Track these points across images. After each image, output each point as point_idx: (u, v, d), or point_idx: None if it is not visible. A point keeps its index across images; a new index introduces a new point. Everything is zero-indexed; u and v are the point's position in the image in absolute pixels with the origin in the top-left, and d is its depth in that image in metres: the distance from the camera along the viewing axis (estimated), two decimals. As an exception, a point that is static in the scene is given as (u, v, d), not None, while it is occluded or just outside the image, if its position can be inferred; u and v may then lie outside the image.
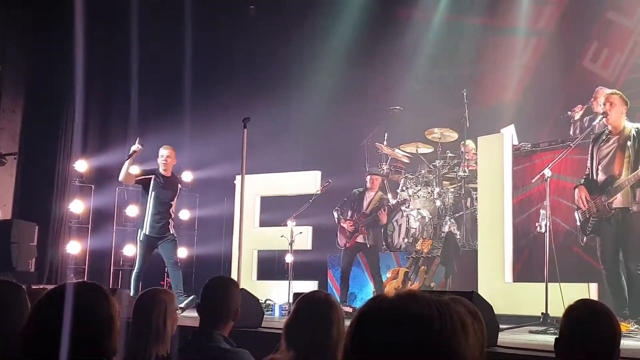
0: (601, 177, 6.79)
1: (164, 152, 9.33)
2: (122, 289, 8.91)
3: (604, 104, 6.85)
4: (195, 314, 3.76)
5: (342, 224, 9.70)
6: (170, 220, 9.29)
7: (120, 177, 9.21)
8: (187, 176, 12.71)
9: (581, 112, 9.18)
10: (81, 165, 11.81)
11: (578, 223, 7.02)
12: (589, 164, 6.98)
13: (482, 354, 1.35)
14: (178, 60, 11.33)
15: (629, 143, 6.60)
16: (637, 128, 6.68)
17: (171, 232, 9.28)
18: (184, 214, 12.72)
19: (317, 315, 2.85)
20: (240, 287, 6.77)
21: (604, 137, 6.87)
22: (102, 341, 2.20)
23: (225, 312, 3.60)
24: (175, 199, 9.44)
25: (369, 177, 9.87)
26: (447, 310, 1.33)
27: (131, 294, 8.57)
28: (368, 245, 9.62)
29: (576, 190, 6.94)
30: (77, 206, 11.73)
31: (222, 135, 11.07)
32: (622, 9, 10.84)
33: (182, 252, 12.40)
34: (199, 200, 13.13)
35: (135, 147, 9.07)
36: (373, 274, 9.59)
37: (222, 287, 3.71)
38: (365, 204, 9.75)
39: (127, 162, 9.09)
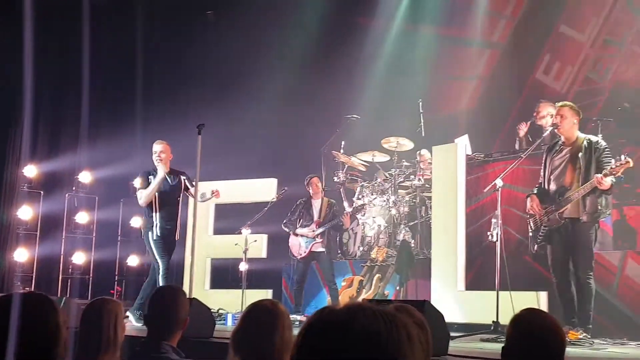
0: (553, 187, 6.88)
1: (156, 147, 8.58)
2: (70, 298, 8.69)
3: (555, 116, 6.94)
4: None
5: (296, 234, 9.67)
6: (176, 223, 8.60)
7: (144, 203, 8.54)
8: (138, 183, 12.55)
9: (526, 129, 9.34)
10: (30, 171, 11.57)
11: (530, 232, 7.11)
12: (542, 174, 7.06)
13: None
14: (132, 66, 11.22)
15: (580, 154, 6.68)
16: (589, 140, 6.75)
17: (176, 238, 8.65)
18: (136, 221, 12.57)
19: (262, 323, 2.86)
20: (193, 296, 6.76)
21: (557, 148, 6.95)
22: (49, 351, 2.17)
23: (173, 322, 3.58)
24: (181, 195, 8.70)
25: (308, 183, 9.85)
26: (394, 322, 1.34)
27: None
28: (325, 253, 9.63)
29: (528, 199, 7.03)
30: (25, 212, 11.47)
31: (176, 141, 10.96)
32: (575, 23, 11.05)
33: (133, 260, 12.25)
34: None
35: (162, 170, 8.47)
36: (327, 282, 9.60)
37: (170, 296, 3.68)
38: (315, 212, 9.75)
39: (153, 189, 8.48)
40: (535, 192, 7.02)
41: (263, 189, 10.44)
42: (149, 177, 8.49)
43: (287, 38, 12.59)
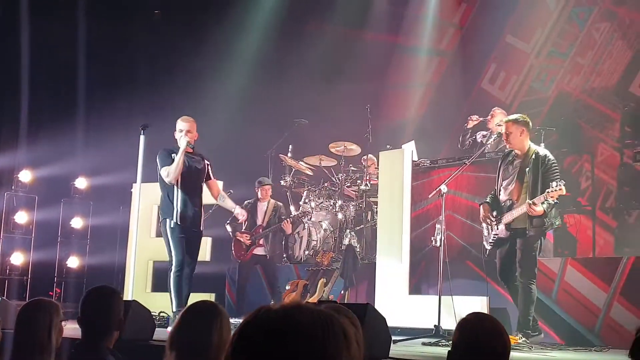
0: (503, 197, 6.94)
1: (181, 125, 7.50)
2: (6, 299, 8.48)
3: (504, 134, 6.99)
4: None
5: (238, 237, 9.67)
6: (201, 211, 7.70)
7: (172, 179, 7.43)
8: (81, 183, 12.37)
9: (476, 123, 9.47)
10: (-33, 170, 11.33)
11: (484, 238, 7.18)
12: (496, 181, 7.14)
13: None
14: (74, 63, 11.05)
15: (527, 169, 6.72)
16: (537, 153, 6.77)
17: (202, 228, 7.74)
18: (77, 222, 12.35)
19: (200, 322, 2.85)
20: (134, 299, 6.68)
21: (510, 158, 6.99)
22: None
23: (107, 323, 3.54)
24: (203, 182, 7.79)
25: (259, 187, 9.91)
26: (330, 321, 1.35)
27: (174, 306, 7.36)
28: (268, 257, 9.62)
29: (481, 207, 7.10)
30: (-39, 212, 11.23)
31: (121, 142, 10.83)
32: (521, 34, 11.26)
33: (74, 262, 12.05)
34: (93, 208, 12.75)
35: (185, 140, 7.39)
36: (271, 285, 9.58)
37: (103, 297, 3.64)
38: (259, 215, 9.77)
39: (180, 161, 7.38)
40: (487, 200, 7.06)
41: (207, 192, 10.33)
42: (172, 154, 7.43)
43: (236, 41, 12.55)
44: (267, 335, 1.31)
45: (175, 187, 7.44)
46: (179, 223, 7.39)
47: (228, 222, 9.82)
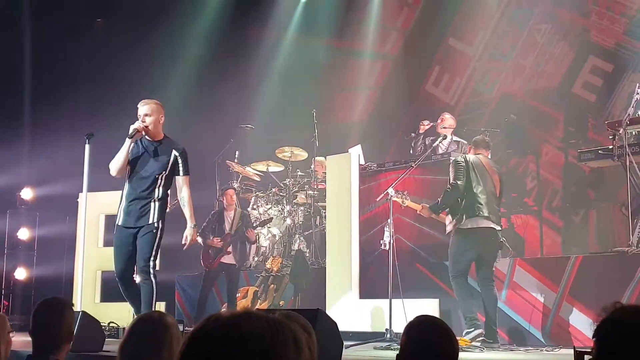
0: None
1: (139, 110, 6.68)
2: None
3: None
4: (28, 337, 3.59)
5: (209, 243, 9.56)
6: (152, 203, 6.53)
7: (115, 172, 6.63)
8: (27, 193, 12.14)
9: (427, 127, 9.56)
10: None
11: None
12: None
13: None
14: (19, 72, 10.86)
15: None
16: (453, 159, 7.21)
17: (154, 220, 6.51)
18: (23, 233, 12.11)
19: (150, 335, 2.78)
20: (82, 309, 6.54)
21: None
22: None
23: (58, 335, 3.50)
24: (165, 171, 6.63)
25: (222, 194, 9.84)
26: (280, 327, 1.34)
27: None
28: (237, 266, 9.57)
29: None
30: None
31: (66, 151, 10.64)
32: (463, 36, 11.38)
33: (21, 273, 11.81)
34: (40, 218, 12.53)
35: (137, 124, 6.56)
36: (231, 293, 9.45)
37: (54, 309, 3.58)
38: (227, 223, 9.69)
39: (124, 150, 6.58)
40: None
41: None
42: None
43: (180, 47, 12.45)
44: (215, 343, 1.30)
45: (125, 182, 6.67)
46: (119, 224, 6.63)
47: (199, 232, 9.72)
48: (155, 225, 6.53)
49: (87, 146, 7.04)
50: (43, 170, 11.81)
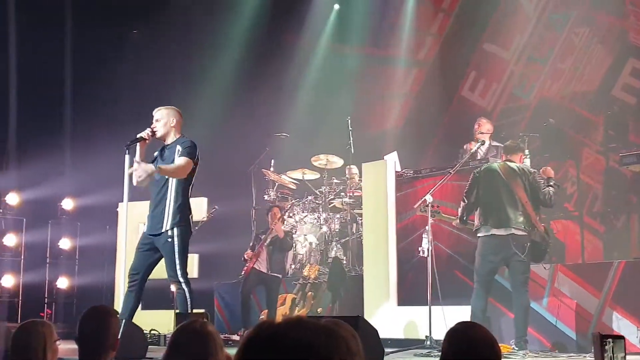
0: None
1: (154, 115, 6.90)
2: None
3: None
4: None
5: (245, 256, 9.63)
6: (166, 209, 6.56)
7: (134, 182, 6.65)
8: (68, 204, 12.29)
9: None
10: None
11: None
12: None
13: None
14: (60, 83, 11.01)
15: None
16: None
17: (167, 228, 6.53)
18: (65, 243, 12.27)
19: (194, 346, 2.78)
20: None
21: None
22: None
23: (104, 342, 3.53)
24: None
25: (269, 210, 9.85)
26: (333, 335, 1.34)
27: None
28: (270, 273, 9.59)
29: None
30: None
31: (106, 161, 10.76)
32: (499, 41, 11.30)
33: (63, 282, 11.97)
34: (80, 228, 12.70)
35: (144, 132, 6.69)
36: (268, 301, 9.46)
37: (99, 317, 3.62)
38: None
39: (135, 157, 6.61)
40: None
41: (193, 209, 10.22)
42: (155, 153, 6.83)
43: (215, 56, 12.52)
44: (270, 349, 1.30)
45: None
46: (144, 231, 6.84)
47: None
48: (170, 233, 6.55)
49: (126, 156, 7.09)
50: (83, 180, 11.97)
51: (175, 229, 6.55)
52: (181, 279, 6.61)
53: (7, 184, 11.64)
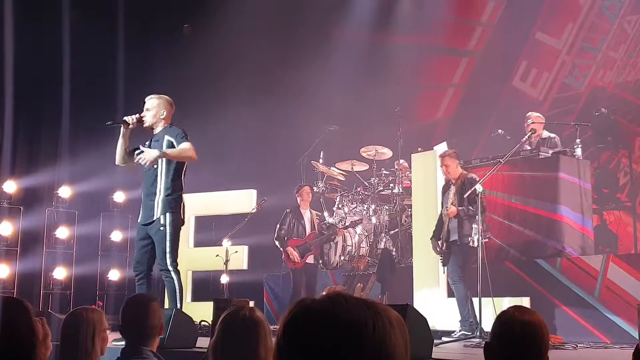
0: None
1: (145, 102, 7.00)
2: (51, 312, 8.56)
3: (441, 166, 7.80)
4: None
5: (288, 251, 9.66)
6: (157, 198, 6.61)
7: (116, 160, 6.91)
8: (119, 196, 12.47)
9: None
10: (10, 186, 11.43)
11: None
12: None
13: (408, 352, 1.34)
14: (111, 79, 11.17)
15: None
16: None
17: (158, 215, 6.57)
18: (116, 235, 12.45)
19: (243, 334, 2.79)
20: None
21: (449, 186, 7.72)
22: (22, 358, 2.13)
23: (148, 328, 3.61)
24: (162, 161, 6.63)
25: (299, 191, 9.90)
26: (376, 309, 1.32)
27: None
28: (315, 264, 9.67)
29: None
30: (5, 228, 11.32)
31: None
32: (550, 30, 11.14)
33: (114, 275, 12.16)
34: (131, 220, 12.84)
35: (131, 118, 6.76)
36: (309, 293, 9.55)
37: (141, 304, 3.72)
38: (306, 222, 9.79)
39: (120, 139, 6.77)
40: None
41: (242, 200, 10.34)
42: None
43: (265, 49, 12.56)
44: (313, 323, 1.29)
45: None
46: (138, 221, 6.85)
47: (275, 237, 9.86)
48: (162, 221, 6.54)
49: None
50: (135, 173, 12.10)
51: (167, 215, 6.55)
52: (170, 267, 6.53)
53: (60, 177, 11.84)
